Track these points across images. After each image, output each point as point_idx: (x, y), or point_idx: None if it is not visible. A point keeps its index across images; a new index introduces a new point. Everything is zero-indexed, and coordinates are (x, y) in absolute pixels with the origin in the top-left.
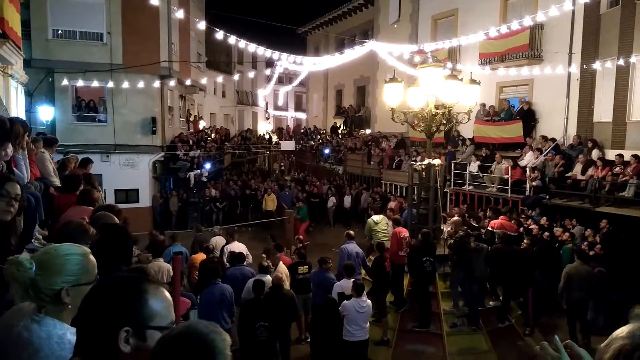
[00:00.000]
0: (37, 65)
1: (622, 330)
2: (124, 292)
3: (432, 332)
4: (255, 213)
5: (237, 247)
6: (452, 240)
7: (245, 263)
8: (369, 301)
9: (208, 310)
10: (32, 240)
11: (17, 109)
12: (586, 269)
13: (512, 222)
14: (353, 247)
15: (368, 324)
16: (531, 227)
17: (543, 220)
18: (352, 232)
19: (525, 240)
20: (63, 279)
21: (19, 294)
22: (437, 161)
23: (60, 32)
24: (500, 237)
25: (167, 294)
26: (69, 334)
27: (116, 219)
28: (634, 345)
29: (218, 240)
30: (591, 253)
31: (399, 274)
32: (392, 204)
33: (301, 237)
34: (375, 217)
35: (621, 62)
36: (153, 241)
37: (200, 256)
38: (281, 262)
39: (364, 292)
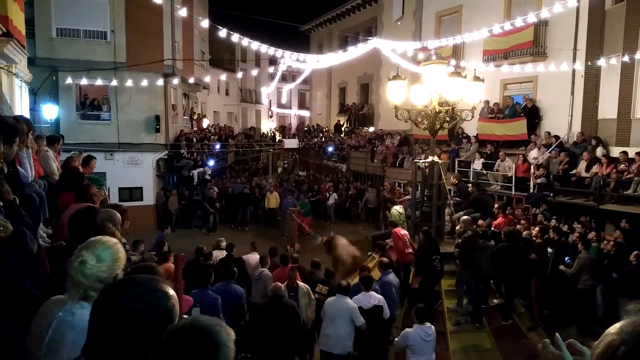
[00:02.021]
0: (41, 64)
1: (614, 327)
2: (161, 321)
3: (435, 330)
4: (256, 211)
5: (253, 259)
6: (459, 240)
7: (234, 279)
8: (433, 327)
9: None
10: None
11: (21, 107)
12: (591, 257)
13: (510, 217)
14: (394, 278)
15: (434, 355)
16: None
17: (573, 233)
18: (386, 259)
19: (534, 231)
20: (119, 265)
21: (79, 290)
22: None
23: (64, 30)
24: (506, 234)
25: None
26: None
27: (118, 213)
28: (622, 341)
29: (219, 255)
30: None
31: (406, 272)
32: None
33: (297, 246)
34: (398, 208)
35: (626, 58)
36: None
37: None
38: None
39: (427, 317)
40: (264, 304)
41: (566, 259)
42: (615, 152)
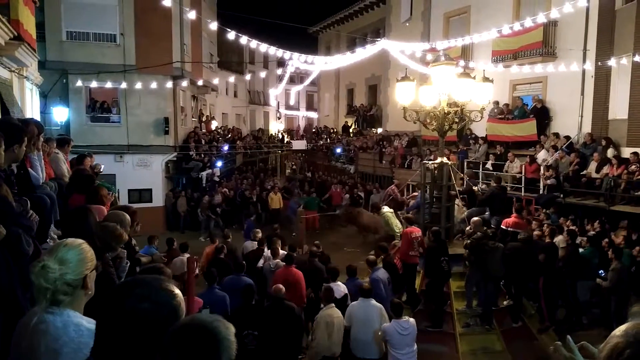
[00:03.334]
0: (51, 67)
1: (620, 329)
2: (167, 320)
3: (445, 332)
4: (264, 212)
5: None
6: (468, 241)
7: (243, 272)
8: (412, 320)
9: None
10: (47, 240)
11: (32, 110)
12: (625, 267)
13: (524, 220)
14: (383, 274)
15: (415, 345)
16: (544, 223)
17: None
18: (372, 256)
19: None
20: (87, 266)
21: (45, 295)
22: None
23: (74, 33)
24: (523, 239)
25: (179, 292)
26: (85, 322)
27: (127, 215)
28: (627, 344)
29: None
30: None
31: (410, 273)
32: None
33: (306, 247)
34: (389, 209)
35: (637, 58)
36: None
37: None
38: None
39: (403, 311)
40: (267, 307)
41: (601, 272)
42: (626, 152)
